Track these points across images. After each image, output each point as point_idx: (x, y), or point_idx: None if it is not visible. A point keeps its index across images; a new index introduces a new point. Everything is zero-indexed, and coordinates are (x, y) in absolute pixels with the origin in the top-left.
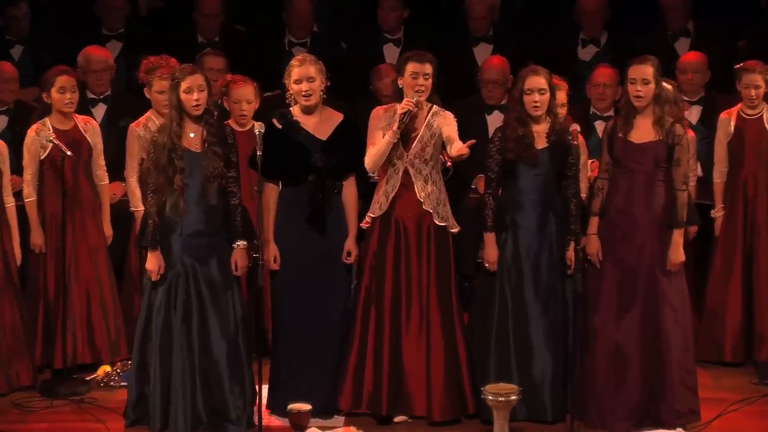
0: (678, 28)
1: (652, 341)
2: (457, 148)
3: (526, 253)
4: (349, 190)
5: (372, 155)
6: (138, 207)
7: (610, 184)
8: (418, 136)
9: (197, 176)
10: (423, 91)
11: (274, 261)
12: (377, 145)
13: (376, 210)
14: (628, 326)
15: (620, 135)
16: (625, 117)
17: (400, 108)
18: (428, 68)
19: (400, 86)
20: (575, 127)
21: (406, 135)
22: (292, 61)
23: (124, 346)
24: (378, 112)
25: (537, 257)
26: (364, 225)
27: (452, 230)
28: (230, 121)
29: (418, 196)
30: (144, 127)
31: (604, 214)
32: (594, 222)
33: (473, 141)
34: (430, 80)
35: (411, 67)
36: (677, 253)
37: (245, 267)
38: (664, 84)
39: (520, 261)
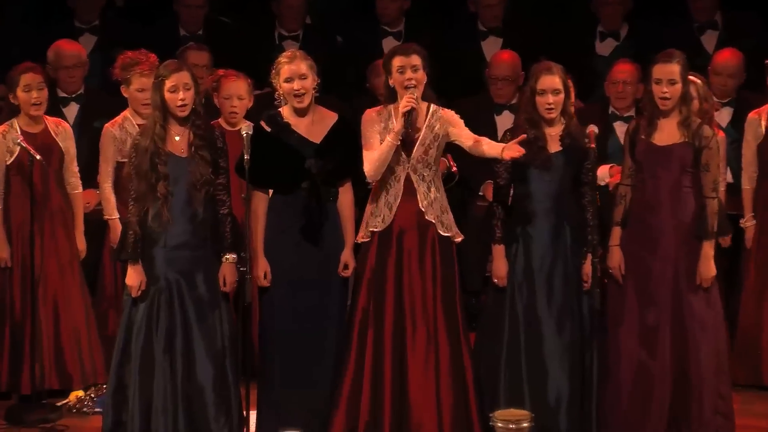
0: (705, 20)
1: (680, 364)
2: (508, 148)
3: (538, 267)
4: (346, 197)
5: (373, 161)
6: (113, 215)
7: (633, 190)
8: (420, 139)
9: (183, 183)
10: (415, 85)
11: (264, 276)
12: (378, 149)
13: (378, 224)
14: (654, 347)
15: (643, 137)
16: (648, 117)
17: (402, 107)
18: (415, 59)
19: (392, 86)
20: (592, 128)
21: (405, 138)
22: (280, 58)
23: (100, 369)
24: (370, 115)
25: (551, 271)
26: (361, 240)
27: (456, 239)
28: (220, 120)
29: (420, 205)
30: (120, 128)
31: (626, 224)
32: (616, 232)
33: (524, 136)
34: (421, 72)
35: (396, 61)
36: (708, 267)
37: (234, 282)
38: (691, 79)
39: (532, 275)
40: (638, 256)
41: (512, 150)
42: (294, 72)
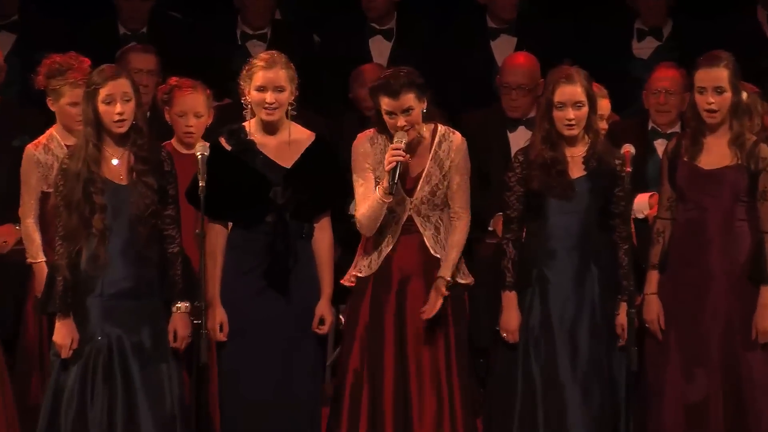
0: None
1: None
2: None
3: (559, 319)
4: (323, 234)
5: (365, 216)
6: (37, 258)
7: (674, 225)
8: (424, 174)
9: (123, 216)
10: (408, 129)
11: (221, 329)
12: (369, 204)
13: (364, 267)
14: (704, 422)
15: (685, 159)
16: (692, 135)
17: (387, 163)
18: (408, 101)
19: (383, 115)
20: (627, 148)
21: (404, 173)
22: (256, 60)
23: None
24: (363, 145)
25: (574, 324)
26: (349, 283)
27: (464, 282)
28: (173, 141)
29: (431, 251)
30: (45, 150)
31: (665, 267)
32: (653, 277)
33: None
34: (416, 111)
35: (384, 104)
36: (767, 318)
37: (187, 337)
38: (745, 87)
39: (551, 329)
40: (682, 307)
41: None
42: (270, 81)
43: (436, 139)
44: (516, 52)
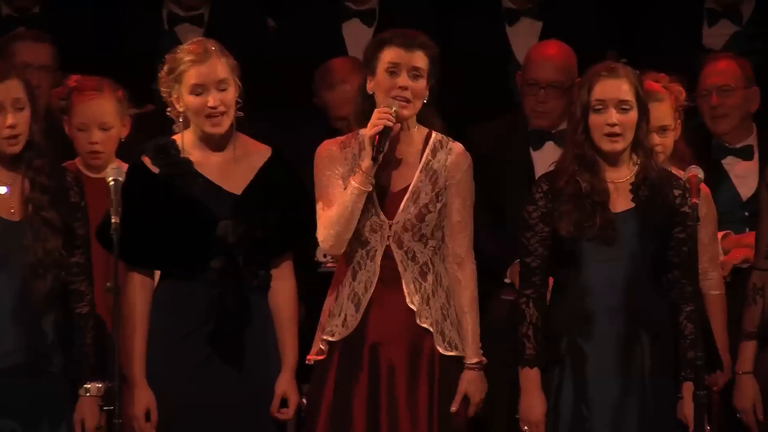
0: None
1: None
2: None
3: (598, 405)
4: (283, 285)
5: (331, 224)
6: None
7: None
8: (410, 190)
9: (14, 265)
10: (409, 101)
11: (148, 419)
12: (338, 203)
13: (336, 328)
14: None
15: None
16: None
17: (371, 127)
18: (419, 59)
19: (370, 93)
20: (693, 171)
21: (383, 189)
22: (180, 55)
23: None
24: (328, 150)
25: (619, 413)
26: (312, 359)
27: (470, 362)
28: (77, 161)
29: (408, 300)
30: None
31: (767, 337)
32: (748, 350)
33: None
34: (423, 82)
35: (389, 54)
36: None
37: (98, 430)
38: None
39: (587, 419)
40: None
41: None
42: (207, 77)
43: (429, 146)
44: (545, 41)
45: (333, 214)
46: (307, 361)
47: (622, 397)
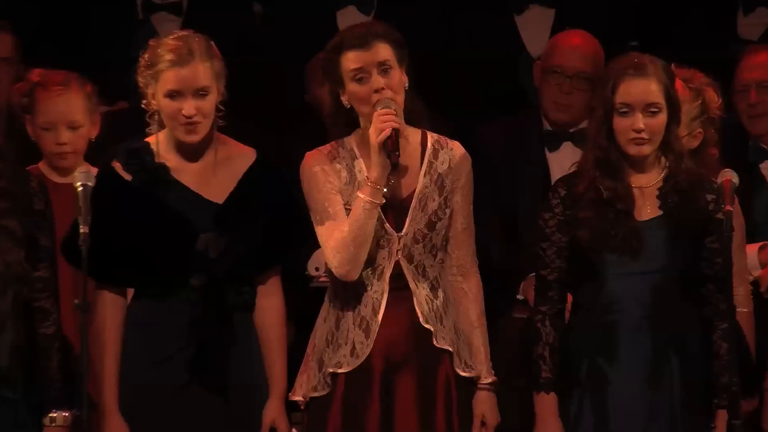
0: None
1: None
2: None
3: None
4: (271, 303)
5: (345, 245)
6: None
7: None
8: (415, 197)
9: None
10: (390, 100)
11: None
12: (349, 222)
13: (343, 359)
14: None
15: None
16: None
17: (377, 133)
18: (382, 51)
19: (347, 105)
20: (727, 175)
21: (387, 197)
22: (160, 50)
23: None
24: (319, 163)
25: None
26: (307, 397)
27: (484, 382)
28: (40, 165)
29: (422, 320)
30: None
31: None
32: None
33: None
34: (396, 74)
35: (349, 61)
36: None
37: None
38: None
39: None
40: None
41: None
42: (184, 83)
43: (429, 147)
44: (571, 30)
45: (345, 235)
46: (298, 401)
47: (648, 427)
